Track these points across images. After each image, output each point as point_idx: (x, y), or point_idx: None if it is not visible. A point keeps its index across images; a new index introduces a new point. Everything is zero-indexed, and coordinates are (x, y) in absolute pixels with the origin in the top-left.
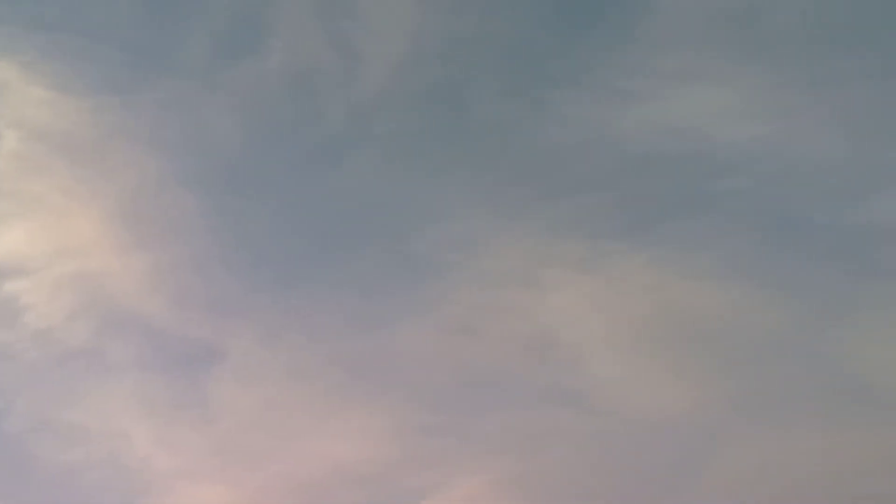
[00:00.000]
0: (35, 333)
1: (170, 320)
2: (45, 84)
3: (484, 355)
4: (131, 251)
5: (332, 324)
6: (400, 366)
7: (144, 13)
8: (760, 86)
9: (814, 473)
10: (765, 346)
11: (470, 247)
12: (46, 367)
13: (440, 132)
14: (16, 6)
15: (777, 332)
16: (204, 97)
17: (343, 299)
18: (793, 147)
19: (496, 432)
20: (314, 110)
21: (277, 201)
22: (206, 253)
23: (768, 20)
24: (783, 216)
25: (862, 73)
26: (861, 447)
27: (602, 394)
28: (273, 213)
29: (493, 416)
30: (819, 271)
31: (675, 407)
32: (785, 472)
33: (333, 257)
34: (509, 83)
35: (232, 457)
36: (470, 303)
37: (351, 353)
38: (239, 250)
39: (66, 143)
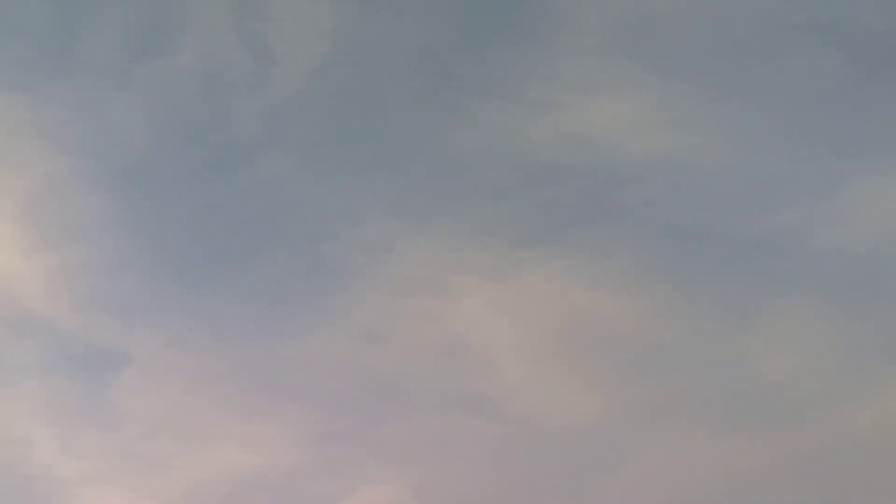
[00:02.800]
0: None
1: (75, 323)
2: None
3: (393, 362)
4: (36, 252)
5: (240, 328)
6: (308, 372)
7: (50, 8)
8: (664, 97)
9: (717, 478)
10: (669, 353)
11: (380, 253)
12: None
13: (352, 137)
14: None
15: (681, 340)
16: (112, 96)
17: (251, 304)
18: (695, 158)
19: (403, 440)
20: (225, 111)
21: (186, 204)
22: (114, 255)
23: (671, 33)
24: (687, 226)
25: (762, 86)
26: (762, 452)
27: (511, 401)
28: (182, 216)
29: (400, 424)
30: (721, 281)
31: (583, 414)
32: (690, 477)
33: (242, 261)
34: (422, 89)
35: (137, 463)
36: (380, 309)
37: (259, 358)
38: (147, 253)
39: None
